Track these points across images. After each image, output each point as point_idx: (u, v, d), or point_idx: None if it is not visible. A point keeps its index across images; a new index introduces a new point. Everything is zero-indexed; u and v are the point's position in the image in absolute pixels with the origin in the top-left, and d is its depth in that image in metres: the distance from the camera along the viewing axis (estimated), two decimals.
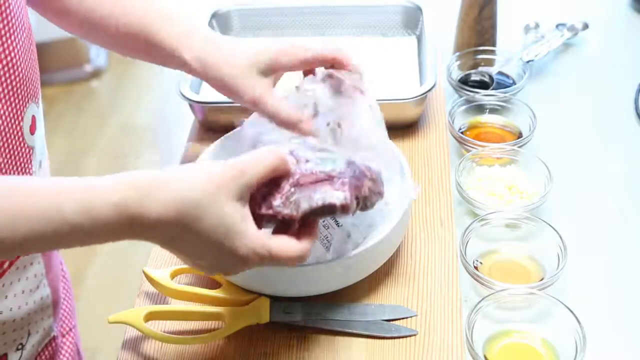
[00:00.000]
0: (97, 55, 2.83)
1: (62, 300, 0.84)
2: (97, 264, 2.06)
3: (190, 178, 0.59)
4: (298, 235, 0.65)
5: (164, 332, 0.75)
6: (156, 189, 0.57)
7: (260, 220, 0.64)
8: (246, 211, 0.61)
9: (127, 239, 0.58)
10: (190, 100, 0.98)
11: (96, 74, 2.81)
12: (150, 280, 0.78)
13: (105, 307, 1.02)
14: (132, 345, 0.76)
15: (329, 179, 0.66)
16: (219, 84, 0.78)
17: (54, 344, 0.82)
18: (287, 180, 0.65)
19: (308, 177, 0.65)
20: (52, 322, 0.80)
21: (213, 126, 1.01)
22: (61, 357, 0.86)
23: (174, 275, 0.79)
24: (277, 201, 0.64)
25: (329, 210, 0.65)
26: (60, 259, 0.88)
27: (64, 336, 0.86)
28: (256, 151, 0.64)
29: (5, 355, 0.74)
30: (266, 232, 0.63)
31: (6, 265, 0.70)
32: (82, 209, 0.56)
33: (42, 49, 0.77)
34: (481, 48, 1.10)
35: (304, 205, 0.64)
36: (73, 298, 0.93)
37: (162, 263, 0.84)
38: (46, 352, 0.81)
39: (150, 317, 0.76)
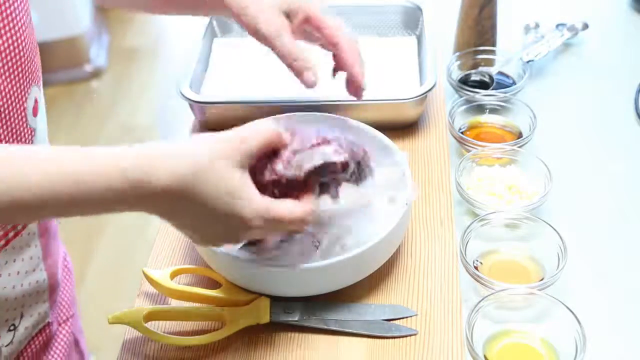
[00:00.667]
0: (97, 55, 2.83)
1: (60, 287, 0.84)
2: (97, 264, 2.06)
3: (194, 148, 0.61)
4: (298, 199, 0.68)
5: (164, 332, 0.75)
6: (162, 158, 0.59)
7: (263, 191, 0.66)
8: (247, 178, 0.63)
9: (128, 208, 0.59)
10: (190, 100, 0.98)
11: (96, 74, 2.81)
12: (150, 280, 0.78)
13: (105, 307, 1.02)
14: (132, 345, 0.76)
15: (325, 142, 0.69)
16: (241, 13, 0.82)
17: (48, 330, 0.82)
18: (286, 149, 0.68)
19: (306, 142, 0.69)
20: (48, 308, 0.81)
21: (213, 126, 1.01)
22: (56, 344, 0.86)
23: (174, 275, 0.79)
24: (279, 166, 0.67)
25: (330, 169, 0.68)
26: (64, 249, 0.89)
27: (60, 324, 0.87)
28: (254, 122, 0.67)
29: None
30: (269, 198, 0.66)
31: (2, 242, 0.70)
32: (87, 170, 0.57)
33: (42, 48, 0.78)
34: (481, 48, 1.10)
35: (307, 166, 0.67)
36: (74, 288, 0.93)
37: (162, 263, 0.84)
38: (40, 338, 0.81)
39: (150, 317, 0.76)
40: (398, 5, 1.17)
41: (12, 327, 0.76)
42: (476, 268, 0.79)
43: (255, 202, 0.63)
